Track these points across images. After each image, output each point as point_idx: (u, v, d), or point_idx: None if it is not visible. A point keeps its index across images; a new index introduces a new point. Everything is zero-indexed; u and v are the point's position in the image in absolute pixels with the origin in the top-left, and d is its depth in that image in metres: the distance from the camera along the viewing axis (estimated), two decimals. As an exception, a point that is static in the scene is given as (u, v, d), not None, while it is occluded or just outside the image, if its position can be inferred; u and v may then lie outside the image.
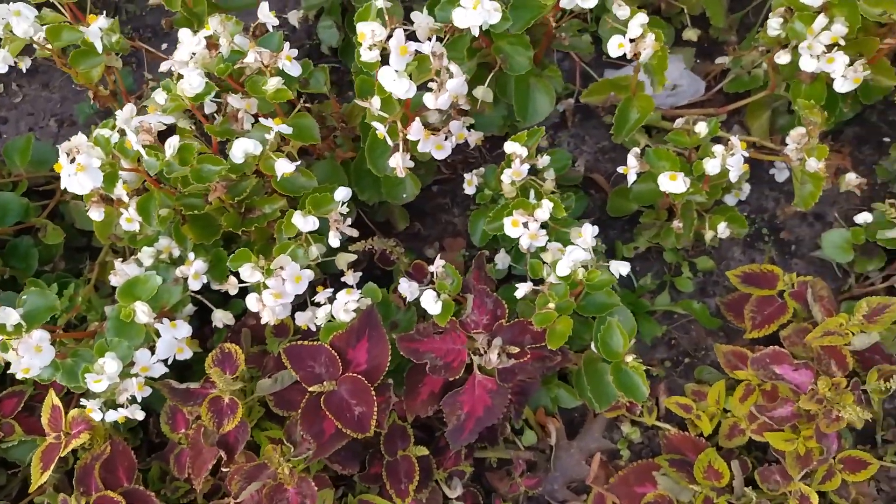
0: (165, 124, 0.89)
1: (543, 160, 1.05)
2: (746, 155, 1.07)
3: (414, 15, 1.02)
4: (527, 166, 1.03)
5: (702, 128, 1.17)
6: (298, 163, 0.95)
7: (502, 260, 1.20)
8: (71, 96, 1.59)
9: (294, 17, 1.22)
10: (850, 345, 1.09)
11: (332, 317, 1.02)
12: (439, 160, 1.11)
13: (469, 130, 1.16)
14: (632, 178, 1.13)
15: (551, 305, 0.99)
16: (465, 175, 1.24)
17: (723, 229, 1.20)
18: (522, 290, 1.02)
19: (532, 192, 1.11)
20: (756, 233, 1.43)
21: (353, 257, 1.10)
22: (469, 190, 1.25)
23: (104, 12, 1.17)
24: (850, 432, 1.28)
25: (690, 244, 1.40)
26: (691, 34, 1.44)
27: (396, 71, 0.92)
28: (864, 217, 1.28)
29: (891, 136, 1.47)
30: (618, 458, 1.30)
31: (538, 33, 1.20)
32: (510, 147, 1.04)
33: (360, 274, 1.11)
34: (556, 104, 1.49)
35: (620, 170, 1.15)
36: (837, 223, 1.41)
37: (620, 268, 1.03)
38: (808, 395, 1.07)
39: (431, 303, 1.00)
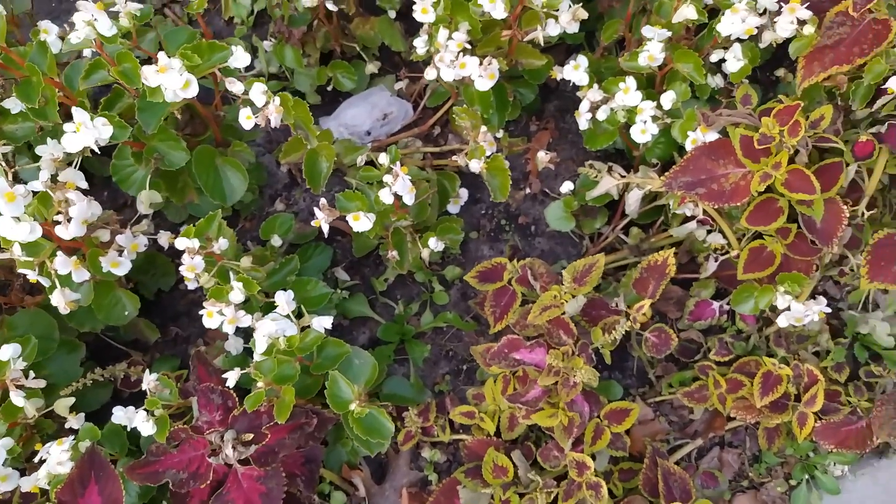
0: None
1: (221, 244, 1.05)
2: (408, 179, 1.11)
3: (39, 148, 1.00)
4: (200, 258, 1.03)
5: (384, 158, 1.21)
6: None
7: (233, 346, 1.20)
8: None
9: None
10: (565, 313, 1.15)
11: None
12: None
13: (156, 233, 1.15)
14: (325, 228, 1.16)
15: (260, 385, 0.99)
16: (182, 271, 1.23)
17: (434, 243, 1.25)
18: (232, 378, 1.01)
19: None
20: (497, 226, 1.50)
21: (71, 401, 1.06)
22: (191, 285, 1.23)
23: None
24: (618, 384, 1.36)
25: (439, 258, 1.45)
26: (372, 67, 1.49)
27: (17, 217, 0.90)
28: (566, 186, 1.37)
29: (585, 100, 1.57)
30: (430, 485, 1.32)
31: (198, 120, 1.21)
32: (181, 243, 1.03)
33: (83, 415, 1.08)
34: (278, 167, 1.53)
35: (313, 223, 1.17)
36: (563, 196, 1.49)
37: (323, 322, 1.04)
38: (545, 372, 1.13)
39: (143, 423, 0.98)
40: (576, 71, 1.24)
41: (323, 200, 1.17)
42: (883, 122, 1.11)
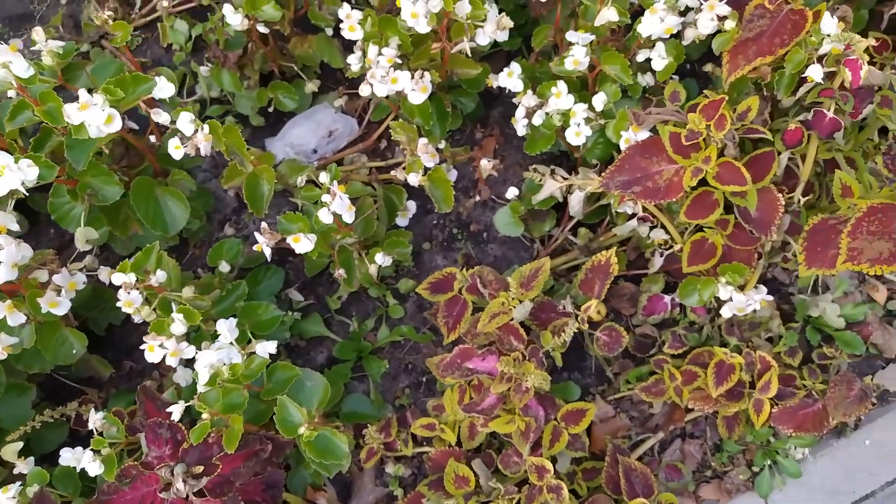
0: None
1: (159, 276, 1.04)
2: (347, 197, 1.11)
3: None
4: (136, 293, 1.02)
5: (324, 177, 1.21)
6: None
7: (182, 377, 1.19)
8: None
9: None
10: (513, 319, 1.16)
11: (0, 520, 0.96)
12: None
13: (98, 269, 1.14)
14: (267, 252, 1.15)
15: (205, 416, 0.98)
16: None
17: (382, 259, 1.25)
18: (176, 412, 1.00)
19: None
20: (449, 235, 1.50)
21: (19, 445, 1.05)
22: (137, 318, 1.22)
23: None
24: (577, 385, 1.36)
25: (392, 272, 1.45)
26: (312, 86, 1.49)
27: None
28: (511, 192, 1.37)
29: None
30: (396, 500, 1.32)
31: (133, 151, 1.20)
32: (117, 279, 1.02)
33: (32, 459, 1.06)
34: (226, 191, 1.52)
35: (255, 248, 1.16)
36: (510, 202, 1.49)
37: (267, 348, 1.04)
38: (497, 379, 1.13)
39: (90, 463, 0.97)
40: (510, 78, 1.24)
41: (264, 224, 1.17)
42: (809, 109, 1.13)
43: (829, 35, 1.02)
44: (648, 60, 1.18)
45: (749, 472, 1.35)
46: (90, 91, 1.00)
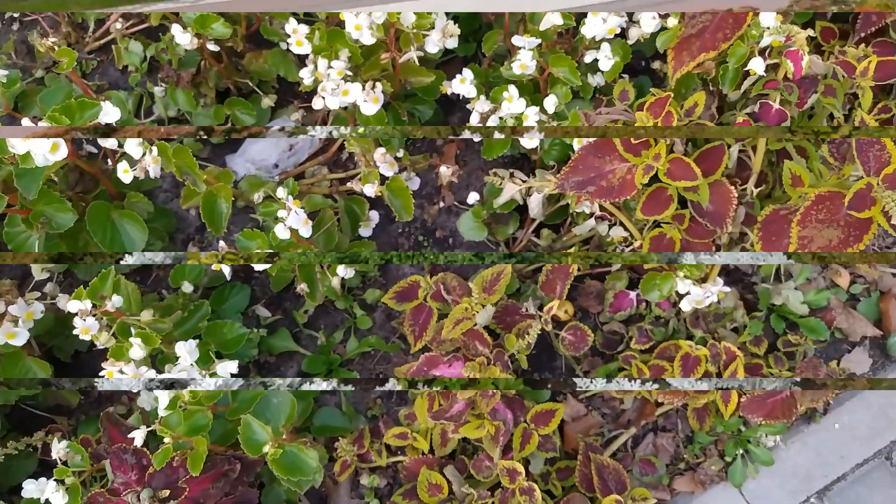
0: None
1: (115, 301, 1.04)
2: (303, 212, 1.11)
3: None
4: (92, 319, 1.01)
5: (281, 192, 1.21)
6: None
7: (147, 402, 1.18)
8: None
9: None
10: (477, 324, 1.16)
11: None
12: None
13: (58, 296, 1.13)
14: (226, 271, 1.15)
15: (167, 440, 0.98)
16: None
17: (343, 271, 1.25)
18: (139, 437, 1.00)
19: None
20: (415, 243, 1.50)
21: (-19, 479, 1.03)
22: (99, 344, 1.21)
23: None
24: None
25: (359, 282, 1.45)
26: (268, 101, 1.49)
27: None
28: (472, 197, 1.38)
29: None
30: (372, 511, 1.32)
31: (88, 176, 1.19)
32: (72, 306, 1.02)
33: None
34: (188, 210, 1.51)
35: (213, 267, 1.16)
36: (472, 207, 1.50)
37: (228, 368, 1.03)
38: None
39: (54, 494, 0.96)
40: (463, 84, 1.25)
41: (222, 243, 1.16)
42: (756, 102, 1.14)
43: (768, 28, 1.04)
44: (596, 61, 1.19)
45: (722, 462, 1.36)
46: (37, 119, 1.00)
